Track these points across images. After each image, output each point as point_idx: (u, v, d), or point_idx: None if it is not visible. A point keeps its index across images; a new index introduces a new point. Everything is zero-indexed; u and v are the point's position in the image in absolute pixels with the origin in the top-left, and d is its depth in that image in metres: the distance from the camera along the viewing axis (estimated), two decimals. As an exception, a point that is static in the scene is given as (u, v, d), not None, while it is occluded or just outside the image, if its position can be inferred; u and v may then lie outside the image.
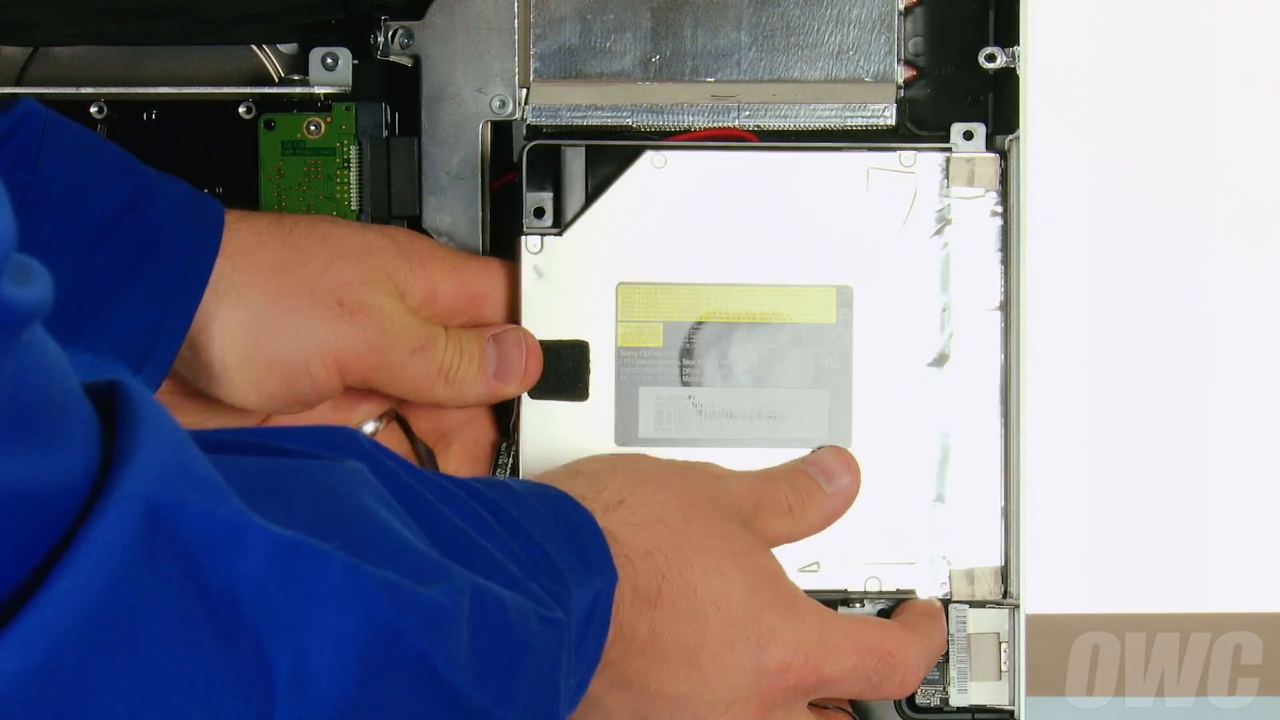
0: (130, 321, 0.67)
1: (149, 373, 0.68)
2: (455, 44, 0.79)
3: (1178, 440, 0.72)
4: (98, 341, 0.67)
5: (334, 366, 0.71)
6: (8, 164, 0.65)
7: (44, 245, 0.65)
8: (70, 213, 0.66)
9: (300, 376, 0.70)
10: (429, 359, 0.72)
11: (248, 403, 0.71)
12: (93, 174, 0.67)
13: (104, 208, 0.67)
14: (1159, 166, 0.72)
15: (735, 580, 0.66)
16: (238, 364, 0.70)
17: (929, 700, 0.77)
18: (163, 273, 0.67)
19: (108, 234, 0.67)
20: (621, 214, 0.75)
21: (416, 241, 0.75)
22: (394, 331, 0.72)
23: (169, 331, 0.68)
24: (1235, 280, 0.72)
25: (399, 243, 0.74)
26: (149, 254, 0.67)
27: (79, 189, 0.67)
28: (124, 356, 0.68)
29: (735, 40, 0.78)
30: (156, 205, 0.68)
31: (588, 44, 0.78)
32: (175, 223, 0.68)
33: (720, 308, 0.75)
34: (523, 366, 0.74)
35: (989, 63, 0.75)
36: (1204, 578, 0.72)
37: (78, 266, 0.66)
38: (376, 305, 0.71)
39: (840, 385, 0.75)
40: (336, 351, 0.71)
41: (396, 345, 0.72)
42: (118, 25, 0.79)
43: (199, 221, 0.69)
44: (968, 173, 0.75)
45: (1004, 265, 0.75)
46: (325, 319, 0.70)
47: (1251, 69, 0.72)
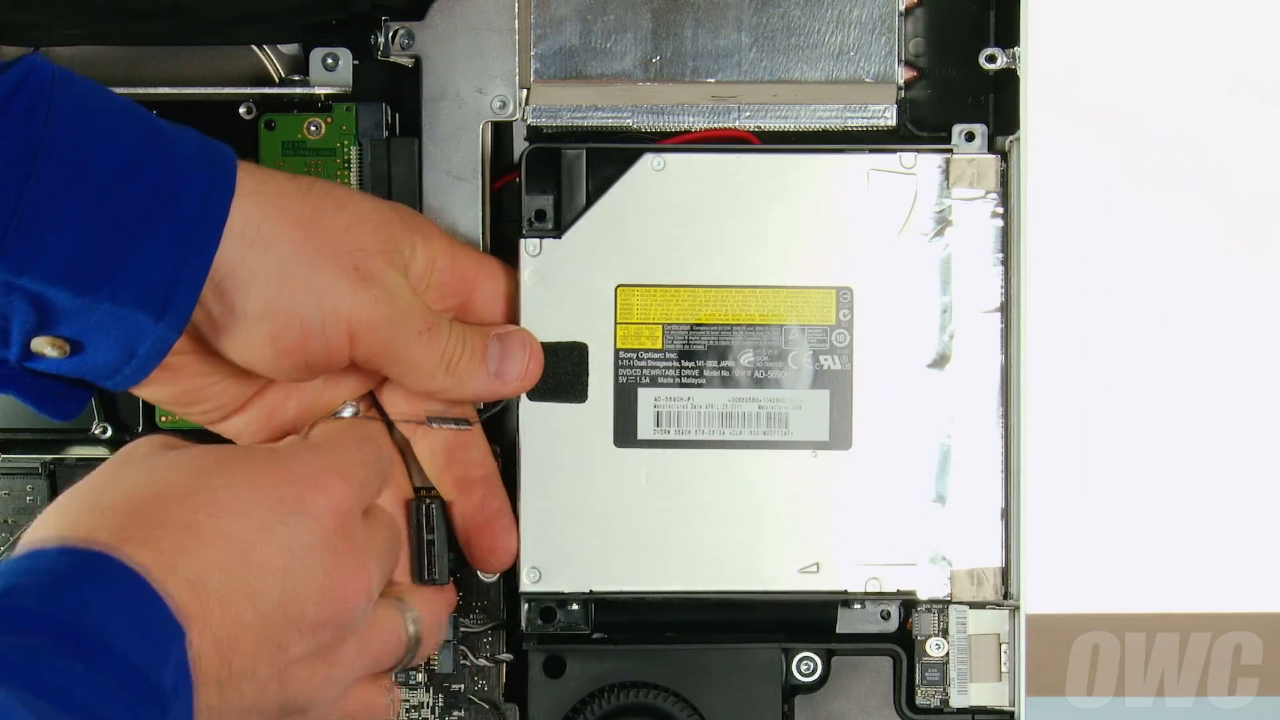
0: (149, 269, 0.67)
1: (169, 320, 0.68)
2: (456, 44, 0.79)
3: (1177, 440, 0.72)
4: (117, 291, 0.67)
5: (345, 333, 0.70)
6: (17, 118, 0.65)
7: (59, 197, 0.65)
8: (84, 163, 0.66)
9: (315, 336, 0.70)
10: (434, 343, 0.72)
11: (260, 359, 0.70)
12: (104, 124, 0.67)
13: (117, 157, 0.67)
14: (1159, 168, 0.72)
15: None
16: (260, 313, 0.69)
17: (929, 701, 0.77)
18: (179, 220, 0.67)
19: (122, 183, 0.67)
20: (620, 216, 0.75)
21: (419, 218, 0.75)
22: (403, 308, 0.71)
23: (188, 278, 0.68)
24: (1235, 281, 0.72)
25: (403, 216, 0.74)
26: (164, 201, 0.67)
27: (92, 140, 0.66)
28: (143, 305, 0.67)
29: (736, 41, 0.78)
30: (170, 153, 0.68)
31: (588, 45, 0.78)
32: (189, 169, 0.68)
33: (719, 309, 0.75)
34: (524, 369, 0.74)
35: (990, 64, 0.75)
36: (1204, 578, 0.72)
37: (94, 216, 0.66)
38: (388, 278, 0.71)
39: (840, 387, 0.75)
40: (350, 317, 0.70)
41: (405, 322, 0.71)
42: (118, 25, 0.79)
43: (213, 168, 0.68)
44: (968, 174, 0.75)
45: (1004, 266, 0.75)
46: (343, 282, 0.70)
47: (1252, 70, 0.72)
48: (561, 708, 0.77)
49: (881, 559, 0.75)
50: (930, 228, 0.75)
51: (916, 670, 0.76)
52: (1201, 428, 0.72)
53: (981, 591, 0.75)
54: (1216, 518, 0.72)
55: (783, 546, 0.75)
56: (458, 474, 0.76)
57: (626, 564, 0.75)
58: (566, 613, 0.77)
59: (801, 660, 0.77)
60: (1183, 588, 0.72)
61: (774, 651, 0.77)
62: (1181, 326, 0.72)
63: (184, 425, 0.80)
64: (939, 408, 0.75)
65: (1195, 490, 0.72)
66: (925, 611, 0.76)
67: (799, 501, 0.75)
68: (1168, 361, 0.72)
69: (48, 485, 0.81)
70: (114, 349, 0.68)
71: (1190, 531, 0.72)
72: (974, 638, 0.75)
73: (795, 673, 0.77)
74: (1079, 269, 0.72)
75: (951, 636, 0.75)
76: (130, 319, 0.67)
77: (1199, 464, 0.72)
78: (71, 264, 0.65)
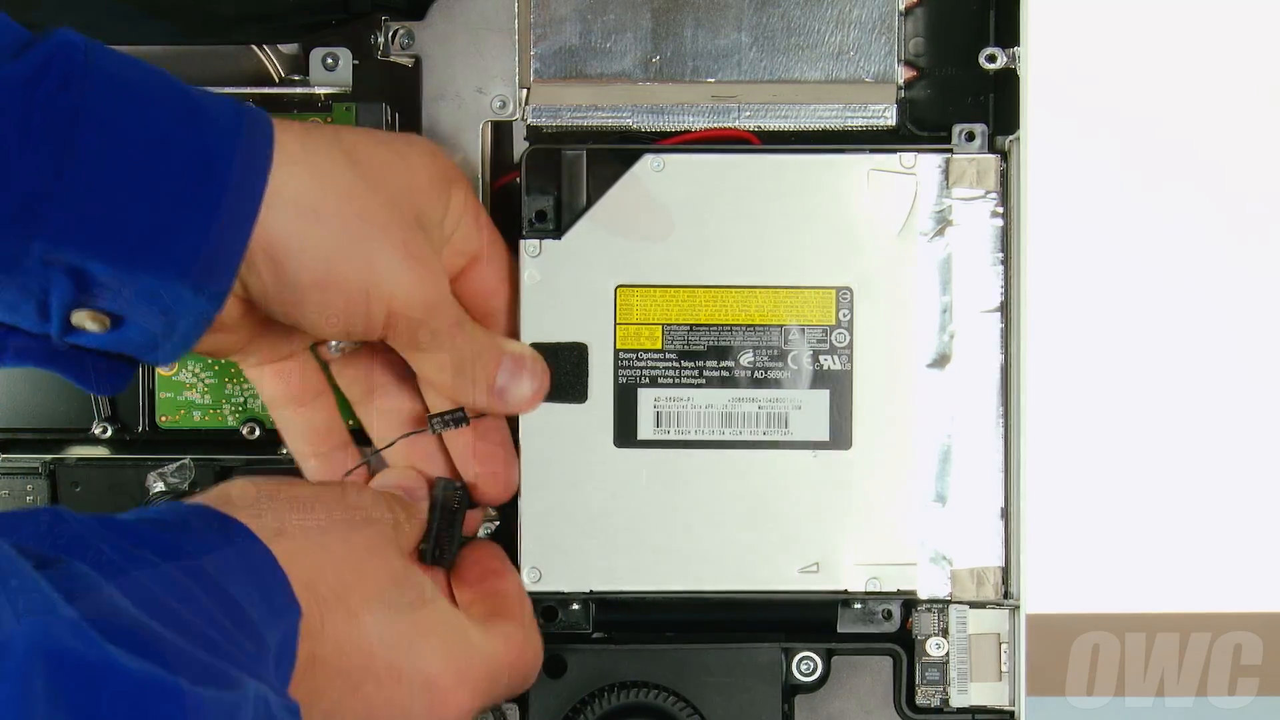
0: (188, 242, 0.67)
1: (210, 292, 0.67)
2: (456, 44, 0.79)
3: (1178, 440, 0.72)
4: (156, 264, 0.66)
5: (385, 310, 0.70)
6: (51, 90, 0.65)
7: (95, 169, 0.65)
8: (119, 135, 0.65)
9: (359, 311, 0.70)
10: (455, 340, 0.72)
11: (308, 324, 0.71)
12: (139, 96, 0.67)
13: (152, 129, 0.66)
14: (1160, 167, 0.72)
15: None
16: (310, 284, 0.69)
17: (929, 701, 0.77)
18: (217, 192, 0.67)
19: (158, 155, 0.66)
20: (620, 217, 0.75)
21: (454, 170, 0.74)
22: (442, 298, 0.72)
23: (227, 251, 0.67)
24: (1235, 281, 0.72)
25: (441, 171, 0.73)
26: (202, 173, 0.67)
27: (126, 112, 0.66)
28: (183, 278, 0.67)
29: (736, 41, 0.77)
30: (205, 124, 0.67)
31: (588, 44, 0.78)
32: (226, 140, 0.67)
33: (719, 310, 0.75)
34: (527, 397, 0.74)
35: (990, 63, 0.75)
36: (1204, 578, 0.72)
37: (130, 188, 0.65)
38: (432, 262, 0.71)
39: (840, 387, 0.75)
40: (392, 296, 0.70)
41: (439, 313, 0.71)
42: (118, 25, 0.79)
43: (250, 137, 0.68)
44: (968, 174, 0.75)
45: (1004, 266, 0.75)
46: (393, 259, 0.70)
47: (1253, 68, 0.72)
48: (562, 707, 0.77)
49: (882, 559, 0.75)
50: (930, 227, 0.75)
51: (917, 670, 0.76)
52: (1201, 427, 0.72)
53: (982, 591, 0.75)
54: (1216, 518, 0.72)
55: (783, 546, 0.75)
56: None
57: (627, 564, 0.75)
58: (567, 612, 0.77)
59: (802, 660, 0.77)
60: (1183, 588, 0.72)
61: (774, 651, 0.77)
62: (1181, 326, 0.72)
63: (186, 425, 0.80)
64: (939, 407, 0.75)
65: (1195, 490, 0.72)
66: (925, 611, 0.76)
67: (799, 501, 0.75)
68: (1167, 361, 0.72)
69: (48, 485, 0.81)
70: (154, 322, 0.68)
71: (1190, 531, 0.72)
72: (974, 637, 0.75)
73: (795, 672, 0.77)
74: (1079, 269, 0.72)
75: (952, 636, 0.75)
76: (170, 292, 0.67)
77: (1199, 464, 0.72)
78: (109, 236, 0.65)
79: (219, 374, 0.80)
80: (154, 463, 0.80)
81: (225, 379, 0.80)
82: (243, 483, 0.69)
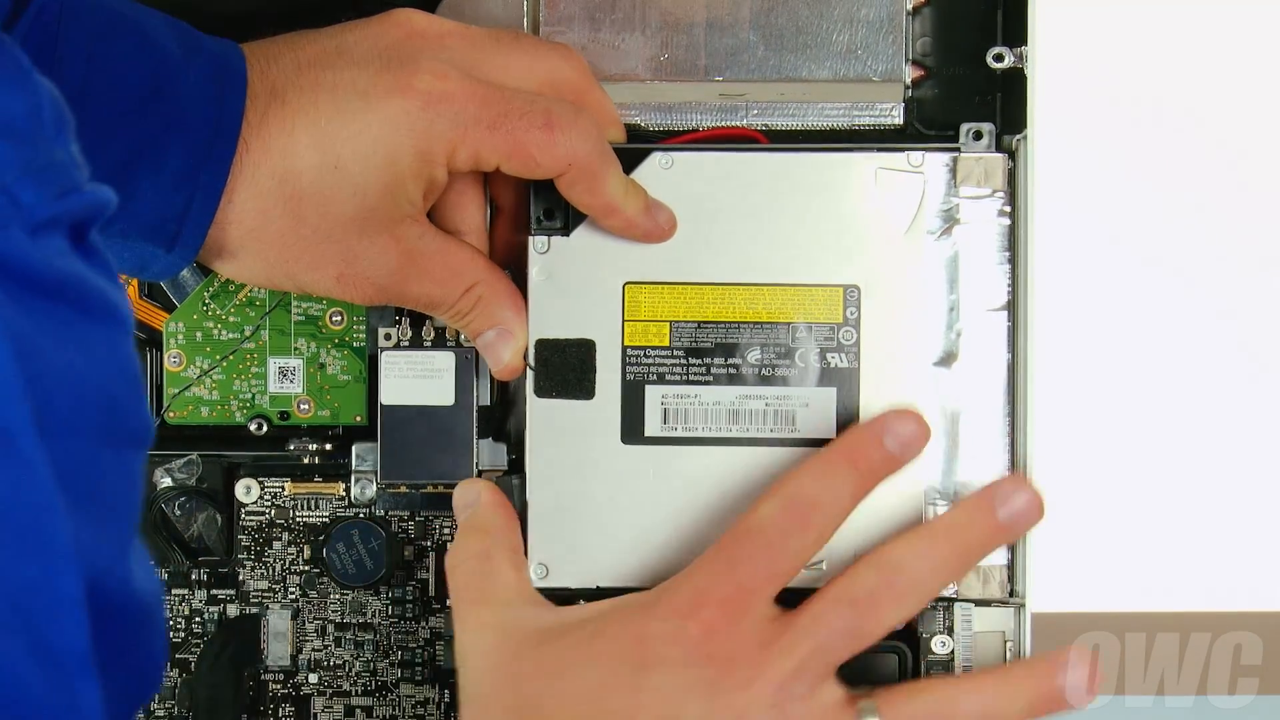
0: (158, 205, 0.68)
1: (179, 253, 0.70)
2: (464, 40, 0.78)
3: (1180, 441, 0.72)
4: (127, 226, 0.68)
5: (367, 291, 0.73)
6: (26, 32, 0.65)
7: None
8: (90, 102, 0.66)
9: (320, 287, 0.73)
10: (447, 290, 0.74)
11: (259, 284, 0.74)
12: (112, 59, 0.67)
13: (124, 93, 0.67)
14: (1167, 166, 0.72)
15: None
16: (265, 278, 0.72)
17: (932, 697, 0.77)
18: (187, 156, 0.68)
19: (130, 119, 0.67)
20: None
21: (436, 144, 0.73)
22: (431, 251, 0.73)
23: (196, 215, 0.69)
24: (1240, 281, 0.72)
25: (420, 150, 0.72)
26: (172, 138, 0.68)
27: (99, 75, 0.67)
28: (153, 239, 0.68)
29: (744, 40, 0.77)
30: (177, 88, 0.68)
31: (597, 43, 0.78)
32: (197, 104, 0.68)
33: (727, 307, 0.75)
34: (502, 365, 0.76)
35: (997, 62, 0.75)
36: (1204, 578, 0.72)
37: (102, 152, 0.66)
38: (427, 249, 0.73)
39: (847, 384, 0.75)
40: (369, 274, 0.72)
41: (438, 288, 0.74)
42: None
43: (220, 103, 0.69)
44: (976, 173, 0.75)
45: (1011, 265, 0.75)
46: (376, 246, 0.71)
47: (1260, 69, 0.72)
48: (568, 700, 0.77)
49: (886, 556, 0.75)
50: (937, 226, 0.75)
51: (921, 668, 0.76)
52: (1204, 428, 0.72)
53: (987, 589, 0.75)
54: (1216, 517, 0.72)
55: None
56: None
57: (634, 560, 0.76)
58: (573, 606, 0.77)
59: (806, 655, 0.77)
60: (1182, 588, 0.72)
61: (779, 646, 0.77)
62: (1186, 326, 0.72)
63: (194, 420, 0.80)
64: (945, 406, 0.75)
65: (1196, 490, 0.72)
66: (930, 609, 0.76)
67: (805, 498, 0.75)
68: (1173, 361, 0.72)
69: (57, 479, 0.81)
70: (127, 268, 0.71)
71: (1190, 531, 0.72)
72: (979, 635, 0.75)
73: (800, 667, 0.78)
74: (1086, 267, 0.72)
75: (957, 634, 0.76)
76: (141, 249, 0.69)
77: (1201, 464, 0.72)
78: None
79: (227, 370, 0.80)
80: (161, 458, 0.80)
81: (233, 375, 0.80)
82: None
